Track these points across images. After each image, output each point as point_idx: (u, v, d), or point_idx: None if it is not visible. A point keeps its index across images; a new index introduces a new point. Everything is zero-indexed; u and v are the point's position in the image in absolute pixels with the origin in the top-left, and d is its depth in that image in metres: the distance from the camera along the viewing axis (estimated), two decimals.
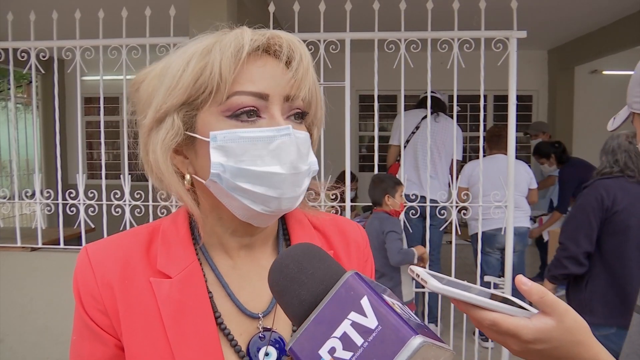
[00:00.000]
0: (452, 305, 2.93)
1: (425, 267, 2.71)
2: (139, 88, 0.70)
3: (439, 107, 3.98)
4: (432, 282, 0.56)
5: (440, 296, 3.09)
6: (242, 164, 0.62)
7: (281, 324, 0.71)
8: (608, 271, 2.25)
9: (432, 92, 3.97)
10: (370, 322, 0.45)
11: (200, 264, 0.70)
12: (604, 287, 2.25)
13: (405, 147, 3.95)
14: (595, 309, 2.23)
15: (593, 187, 2.34)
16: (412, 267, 0.60)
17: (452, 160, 3.73)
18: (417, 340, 0.42)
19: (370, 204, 3.06)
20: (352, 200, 3.30)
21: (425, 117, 3.94)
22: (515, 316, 0.62)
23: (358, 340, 0.44)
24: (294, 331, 0.71)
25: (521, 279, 0.64)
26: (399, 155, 4.05)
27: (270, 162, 0.62)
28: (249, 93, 0.62)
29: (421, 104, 4.11)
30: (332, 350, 0.45)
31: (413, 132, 3.99)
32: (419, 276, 0.58)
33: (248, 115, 0.63)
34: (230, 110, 0.62)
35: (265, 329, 0.70)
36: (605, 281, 2.25)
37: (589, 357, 0.65)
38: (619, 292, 2.21)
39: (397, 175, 3.90)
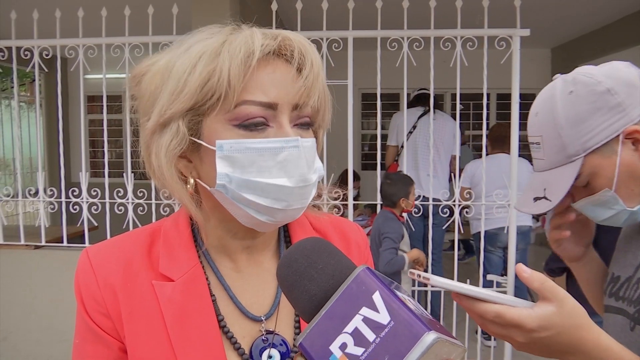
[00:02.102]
0: (454, 304, 2.93)
1: (422, 270, 2.72)
2: (141, 81, 0.68)
3: (434, 104, 3.98)
4: (435, 277, 0.57)
5: (442, 295, 3.09)
6: (248, 175, 0.61)
7: (283, 326, 0.71)
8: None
9: (424, 89, 3.98)
10: (383, 317, 0.44)
11: (202, 266, 0.70)
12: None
13: (403, 146, 3.95)
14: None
15: None
16: (411, 270, 0.60)
17: (454, 157, 3.74)
18: (430, 336, 0.42)
19: (373, 202, 3.05)
20: (354, 199, 3.30)
21: (421, 115, 3.94)
22: (517, 306, 0.64)
23: (370, 335, 0.44)
24: (296, 333, 0.71)
25: (522, 267, 0.66)
26: (397, 155, 4.05)
27: (277, 174, 0.61)
28: (257, 103, 0.60)
29: (414, 102, 4.10)
30: (343, 346, 0.44)
31: (411, 132, 3.97)
32: (420, 276, 0.58)
33: (255, 125, 0.61)
34: (237, 120, 0.61)
35: (268, 332, 0.69)
36: None
37: (591, 339, 0.67)
38: None
39: None
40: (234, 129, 0.61)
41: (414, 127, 3.97)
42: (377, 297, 0.45)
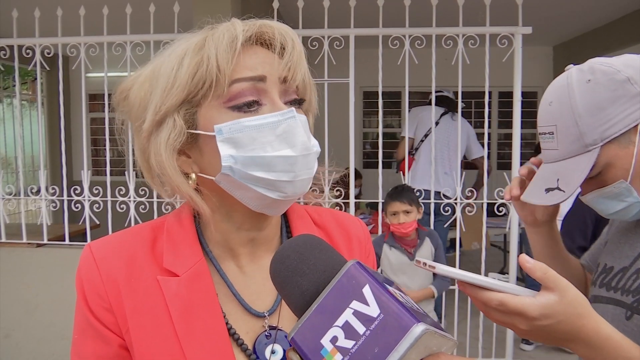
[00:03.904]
0: (456, 302, 2.93)
1: None
2: (128, 95, 0.69)
3: (452, 106, 3.98)
4: (441, 265, 0.58)
5: (444, 295, 3.08)
6: (252, 152, 0.62)
7: (286, 322, 0.71)
8: None
9: (441, 91, 3.96)
10: (372, 310, 0.44)
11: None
12: None
13: (422, 141, 3.93)
14: None
15: None
16: (418, 258, 0.61)
17: (477, 159, 3.75)
18: (419, 328, 0.42)
19: (375, 201, 3.05)
20: (356, 198, 3.30)
21: (443, 114, 3.92)
22: (520, 295, 0.65)
23: (360, 328, 0.44)
24: None
25: (525, 257, 0.67)
26: (413, 148, 4.03)
27: (280, 146, 0.62)
28: (247, 78, 0.62)
29: (430, 103, 4.05)
30: (334, 339, 0.45)
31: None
32: (425, 264, 0.59)
33: (249, 105, 0.63)
34: (231, 100, 0.62)
35: (271, 327, 0.70)
36: None
37: (591, 327, 0.68)
38: None
39: (410, 171, 3.85)
40: (228, 111, 0.62)
41: (437, 123, 3.94)
42: (367, 291, 0.45)
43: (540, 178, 0.98)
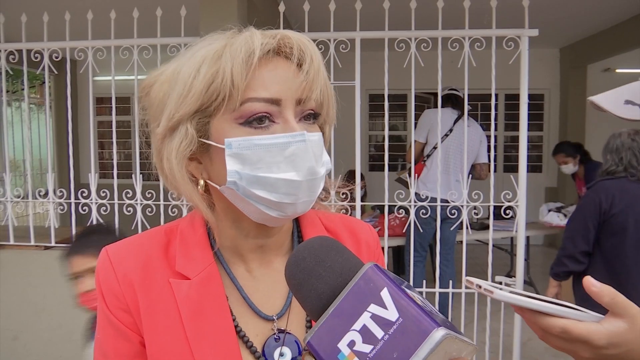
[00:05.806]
0: (462, 306, 2.91)
1: None
2: (150, 92, 0.70)
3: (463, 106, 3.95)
4: (499, 291, 0.55)
5: (451, 295, 3.07)
6: (258, 171, 0.62)
7: (295, 325, 0.72)
8: (608, 268, 2.43)
9: (454, 90, 3.91)
10: (391, 314, 0.43)
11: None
12: (604, 282, 2.43)
13: (435, 148, 3.86)
14: (596, 302, 2.44)
15: (593, 189, 2.48)
16: (469, 278, 0.59)
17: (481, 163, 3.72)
18: (439, 333, 0.41)
19: (381, 204, 3.04)
20: (360, 200, 3.29)
21: (457, 119, 3.89)
22: (585, 321, 0.60)
23: (378, 333, 0.43)
24: (308, 329, 0.72)
25: (590, 280, 0.62)
26: (424, 155, 3.99)
27: (286, 168, 0.62)
28: (261, 99, 0.61)
29: (446, 102, 3.94)
30: (351, 344, 0.44)
31: (447, 135, 3.88)
32: (480, 287, 0.56)
33: (261, 121, 0.62)
34: (243, 117, 0.62)
35: (280, 331, 0.71)
36: (605, 276, 2.40)
37: None
38: (618, 287, 2.39)
39: (421, 176, 3.82)
40: (240, 127, 0.62)
41: (450, 130, 3.89)
42: (385, 294, 0.44)
43: (625, 90, 0.91)
